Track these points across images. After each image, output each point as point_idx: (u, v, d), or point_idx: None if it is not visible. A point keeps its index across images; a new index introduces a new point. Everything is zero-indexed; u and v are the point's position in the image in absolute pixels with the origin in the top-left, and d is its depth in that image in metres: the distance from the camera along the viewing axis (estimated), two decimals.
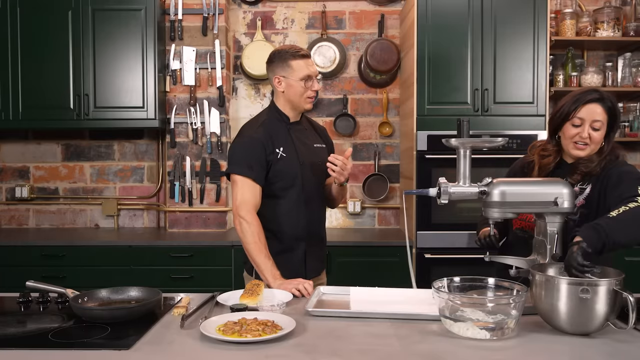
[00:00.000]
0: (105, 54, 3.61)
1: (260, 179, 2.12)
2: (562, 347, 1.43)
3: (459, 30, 3.39)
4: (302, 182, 2.18)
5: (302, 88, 2.14)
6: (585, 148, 1.86)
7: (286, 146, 2.17)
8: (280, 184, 2.16)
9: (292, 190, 2.17)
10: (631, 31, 3.63)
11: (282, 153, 2.15)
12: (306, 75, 2.12)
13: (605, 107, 1.85)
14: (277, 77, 2.17)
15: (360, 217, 4.04)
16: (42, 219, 4.10)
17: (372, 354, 1.38)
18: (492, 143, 1.81)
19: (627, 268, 1.63)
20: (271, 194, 2.17)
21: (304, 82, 2.13)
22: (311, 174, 2.22)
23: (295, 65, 2.13)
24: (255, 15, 4.01)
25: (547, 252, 1.74)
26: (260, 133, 2.15)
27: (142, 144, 4.08)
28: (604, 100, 1.85)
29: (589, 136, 1.84)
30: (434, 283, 1.60)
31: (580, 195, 1.89)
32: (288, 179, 2.16)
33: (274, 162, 2.13)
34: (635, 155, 4.04)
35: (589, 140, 1.85)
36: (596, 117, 1.84)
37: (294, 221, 2.18)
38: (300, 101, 2.17)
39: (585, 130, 1.84)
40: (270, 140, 2.14)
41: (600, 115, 1.84)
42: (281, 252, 2.17)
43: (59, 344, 1.46)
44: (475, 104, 3.39)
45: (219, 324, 1.53)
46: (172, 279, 3.38)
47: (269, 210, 2.17)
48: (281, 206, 2.18)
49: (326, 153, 2.29)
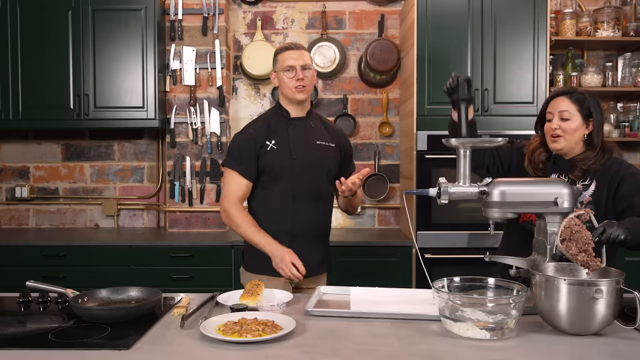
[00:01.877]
0: (105, 54, 3.61)
1: (248, 172, 2.19)
2: (562, 347, 1.43)
3: (459, 30, 3.39)
4: (291, 176, 2.18)
5: (287, 79, 2.18)
6: (558, 139, 1.92)
7: (279, 140, 2.20)
8: (266, 176, 2.20)
9: (279, 184, 2.19)
10: (631, 31, 3.63)
11: (273, 145, 2.19)
12: (287, 65, 2.17)
13: (572, 98, 1.92)
14: (272, 72, 2.26)
15: (360, 217, 4.04)
16: (42, 219, 4.10)
17: (372, 354, 1.38)
18: (492, 143, 1.81)
19: (627, 268, 1.63)
20: (259, 185, 2.23)
21: (287, 72, 2.18)
22: (305, 169, 2.20)
23: (280, 58, 2.21)
24: (255, 15, 4.01)
25: (547, 252, 1.74)
26: (257, 126, 2.24)
27: (142, 144, 4.08)
28: (572, 93, 1.93)
29: (559, 127, 1.91)
30: (434, 283, 1.60)
31: (585, 191, 1.92)
32: (275, 172, 2.19)
33: (264, 153, 2.18)
34: (635, 155, 4.04)
35: (560, 132, 1.91)
36: (562, 108, 1.91)
37: (278, 215, 2.20)
38: (288, 92, 2.20)
39: (555, 121, 1.92)
40: (264, 134, 2.20)
41: (566, 105, 1.91)
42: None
43: (59, 344, 1.46)
44: (475, 104, 3.39)
45: (219, 324, 1.53)
46: (172, 279, 3.38)
47: (256, 201, 2.25)
48: (266, 198, 2.22)
49: (335, 152, 2.32)
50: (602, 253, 1.57)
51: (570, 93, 1.94)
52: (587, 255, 1.54)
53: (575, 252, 1.55)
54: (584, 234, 1.56)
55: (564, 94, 1.94)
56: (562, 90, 1.97)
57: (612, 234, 1.57)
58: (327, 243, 2.34)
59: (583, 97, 1.93)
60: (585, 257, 1.54)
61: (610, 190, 1.88)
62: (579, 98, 1.92)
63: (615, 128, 3.76)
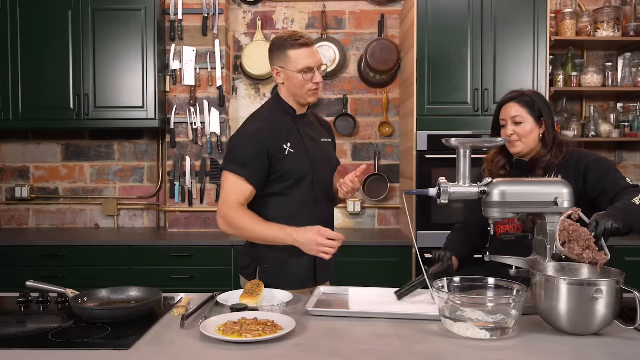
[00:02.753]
0: (105, 54, 3.61)
1: (255, 178, 1.93)
2: (562, 347, 1.43)
3: (459, 30, 3.39)
4: (312, 179, 2.00)
5: (301, 80, 1.94)
6: (516, 143, 1.98)
7: (294, 141, 1.98)
8: (287, 182, 1.97)
9: (301, 189, 1.98)
10: (631, 31, 3.63)
11: (290, 149, 1.96)
12: (305, 67, 1.93)
13: (521, 102, 1.97)
14: (275, 68, 1.99)
15: (360, 217, 4.04)
16: (42, 219, 4.10)
17: (372, 354, 1.37)
18: (492, 143, 1.81)
19: (627, 268, 1.63)
20: (276, 193, 1.99)
21: (303, 74, 1.94)
22: (321, 171, 2.04)
23: (294, 55, 1.93)
24: (255, 15, 4.01)
25: (547, 252, 1.74)
26: (265, 127, 1.96)
27: (142, 144, 4.08)
28: (519, 97, 1.98)
29: (514, 132, 1.97)
30: (434, 283, 1.60)
31: None
32: (297, 177, 1.97)
33: (281, 158, 1.94)
34: (635, 155, 4.04)
35: (516, 136, 1.97)
36: (513, 113, 1.97)
37: (301, 223, 1.91)
38: (301, 94, 1.97)
39: (509, 127, 1.98)
40: (276, 135, 1.95)
41: (516, 111, 1.97)
42: (286, 258, 1.99)
43: (59, 344, 1.46)
44: (475, 104, 3.39)
45: (219, 324, 1.53)
46: (172, 279, 3.38)
47: (273, 210, 1.98)
48: (287, 206, 1.98)
49: (333, 148, 2.21)
50: (604, 246, 1.58)
51: (518, 97, 1.99)
52: (592, 251, 1.55)
53: (580, 252, 1.56)
54: (581, 231, 1.57)
55: (512, 100, 1.99)
56: (509, 97, 2.01)
57: (605, 225, 1.59)
58: None
59: (531, 99, 1.99)
60: (591, 254, 1.55)
61: (578, 181, 1.91)
62: (527, 101, 1.98)
63: (615, 128, 3.76)
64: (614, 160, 4.00)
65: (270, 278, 1.98)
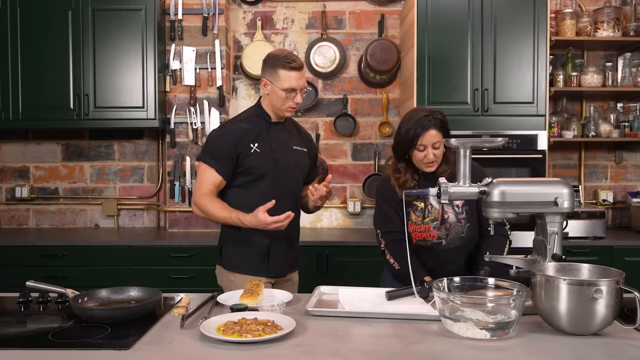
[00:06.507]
0: (105, 54, 3.61)
1: (224, 170, 2.19)
2: (562, 347, 1.43)
3: (459, 30, 3.39)
4: (272, 179, 2.22)
5: (284, 98, 2.17)
6: (433, 164, 2.11)
7: (262, 142, 2.21)
8: (249, 177, 2.21)
9: (260, 185, 2.21)
10: (631, 31, 3.63)
11: (257, 148, 2.20)
12: (290, 87, 2.15)
13: (438, 127, 2.06)
14: (265, 79, 2.21)
15: (360, 217, 4.04)
16: (42, 219, 4.10)
17: (372, 354, 1.38)
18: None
19: (627, 268, 1.63)
20: (239, 185, 2.23)
21: (286, 92, 2.16)
22: (284, 173, 2.25)
23: (283, 75, 2.15)
24: (255, 15, 4.01)
25: (547, 252, 1.74)
26: (238, 127, 2.23)
27: (142, 144, 4.08)
28: (436, 122, 2.06)
29: (433, 155, 2.08)
30: (434, 283, 1.60)
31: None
32: (258, 173, 2.20)
33: (247, 155, 2.19)
34: (635, 155, 4.04)
35: (434, 158, 2.09)
36: (434, 140, 2.07)
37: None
38: (280, 109, 2.21)
39: (430, 152, 2.08)
40: (246, 134, 2.20)
41: (437, 137, 2.07)
42: (241, 242, 2.24)
43: (59, 344, 1.46)
44: (475, 104, 3.39)
45: (219, 324, 1.53)
46: (172, 279, 3.38)
47: (234, 200, 2.22)
48: (246, 197, 2.21)
49: (307, 157, 2.37)
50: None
51: (436, 122, 2.06)
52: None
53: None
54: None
55: (433, 127, 2.05)
56: (431, 124, 2.05)
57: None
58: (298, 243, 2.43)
59: (443, 123, 2.08)
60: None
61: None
62: (443, 127, 2.08)
63: (615, 128, 3.76)
64: (614, 160, 4.02)
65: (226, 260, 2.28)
